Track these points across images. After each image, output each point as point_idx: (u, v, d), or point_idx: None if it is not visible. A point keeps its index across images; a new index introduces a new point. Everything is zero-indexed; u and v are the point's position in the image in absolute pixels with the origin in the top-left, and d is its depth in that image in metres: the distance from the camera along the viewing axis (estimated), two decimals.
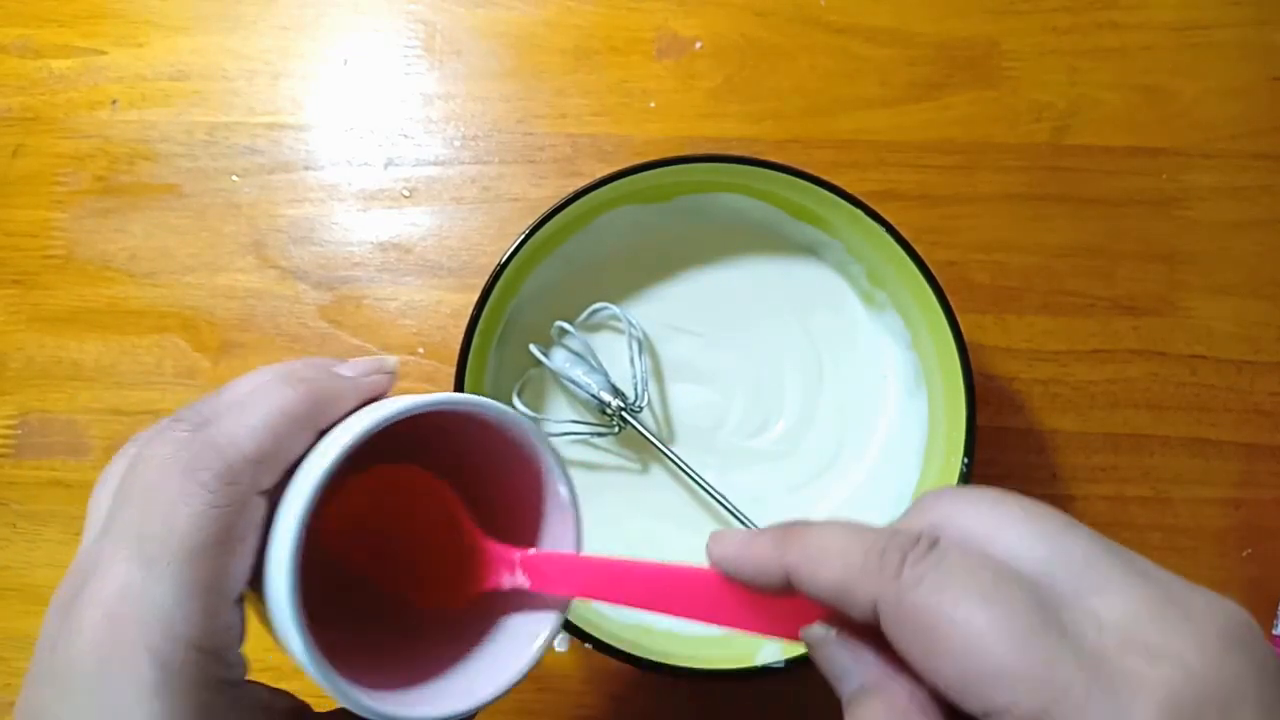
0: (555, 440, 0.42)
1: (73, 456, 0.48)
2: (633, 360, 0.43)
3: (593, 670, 0.46)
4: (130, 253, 0.49)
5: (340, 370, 0.28)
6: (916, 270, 0.40)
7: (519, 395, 0.43)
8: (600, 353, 0.44)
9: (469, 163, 0.50)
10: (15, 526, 0.47)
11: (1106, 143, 0.50)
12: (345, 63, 0.51)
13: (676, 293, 0.45)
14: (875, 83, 0.50)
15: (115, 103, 0.51)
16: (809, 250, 0.46)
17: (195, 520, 0.23)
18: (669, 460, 0.42)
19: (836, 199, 0.40)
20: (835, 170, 0.44)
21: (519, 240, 0.40)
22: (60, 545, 0.47)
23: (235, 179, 0.50)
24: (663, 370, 0.45)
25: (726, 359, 0.45)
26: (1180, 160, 0.50)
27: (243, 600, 0.25)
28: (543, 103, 0.50)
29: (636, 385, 0.43)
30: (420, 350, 0.48)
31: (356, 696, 0.24)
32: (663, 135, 0.50)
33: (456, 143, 0.50)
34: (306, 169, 0.50)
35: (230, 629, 0.24)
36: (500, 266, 0.40)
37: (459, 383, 0.39)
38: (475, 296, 0.40)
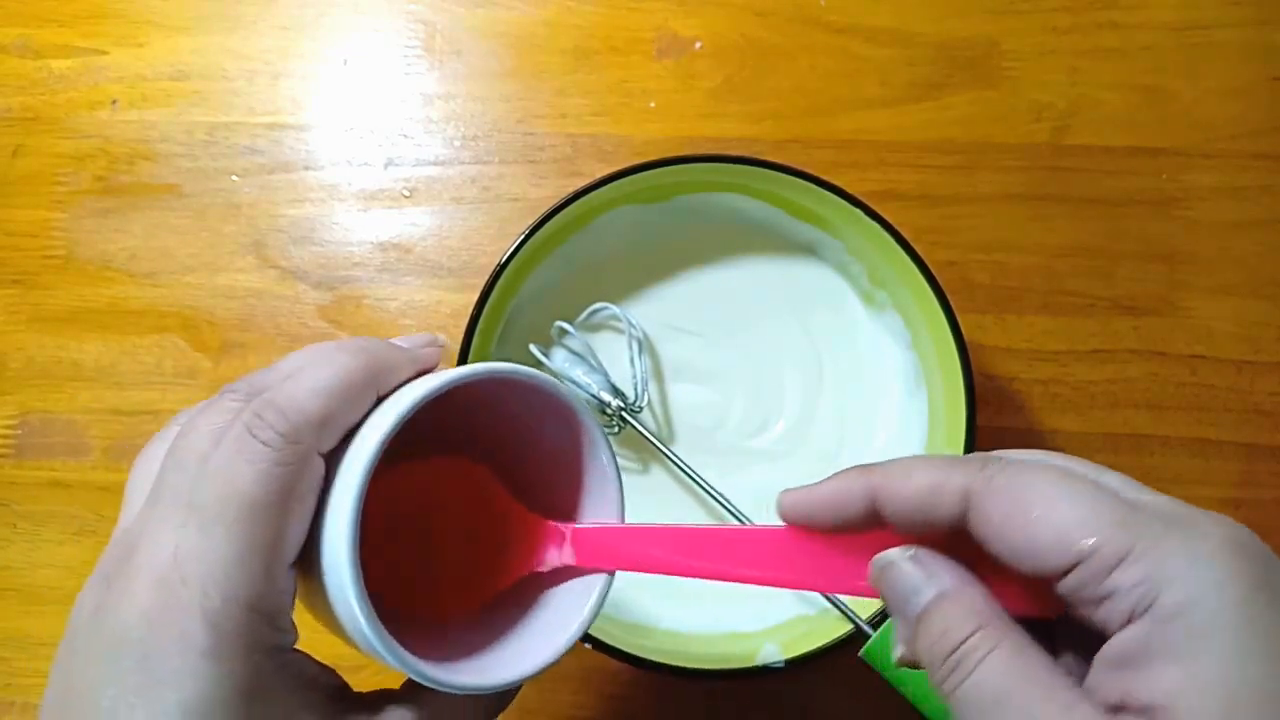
0: None
1: (73, 457, 0.48)
2: (633, 360, 0.43)
3: (592, 670, 0.46)
4: (130, 253, 0.49)
5: (398, 343, 0.28)
6: (916, 270, 0.40)
7: None
8: (600, 353, 0.44)
9: (469, 163, 0.50)
10: (15, 526, 0.47)
11: (1106, 143, 0.50)
12: (345, 63, 0.51)
13: (676, 293, 0.45)
14: (875, 83, 0.50)
15: (115, 103, 0.51)
16: (809, 250, 0.46)
17: (259, 478, 0.23)
18: (669, 460, 0.42)
19: (836, 199, 0.40)
20: (835, 170, 0.44)
21: (519, 240, 0.40)
22: (60, 545, 0.47)
23: (235, 179, 0.50)
24: (663, 370, 0.45)
25: (726, 359, 0.45)
26: (1180, 160, 0.50)
27: (294, 567, 0.25)
28: (543, 103, 0.50)
29: (636, 385, 0.43)
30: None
31: (417, 665, 0.24)
32: (663, 135, 0.50)
33: (456, 143, 0.50)
34: (307, 169, 0.50)
35: (285, 592, 0.24)
36: (500, 266, 0.40)
37: None
38: (475, 296, 0.40)
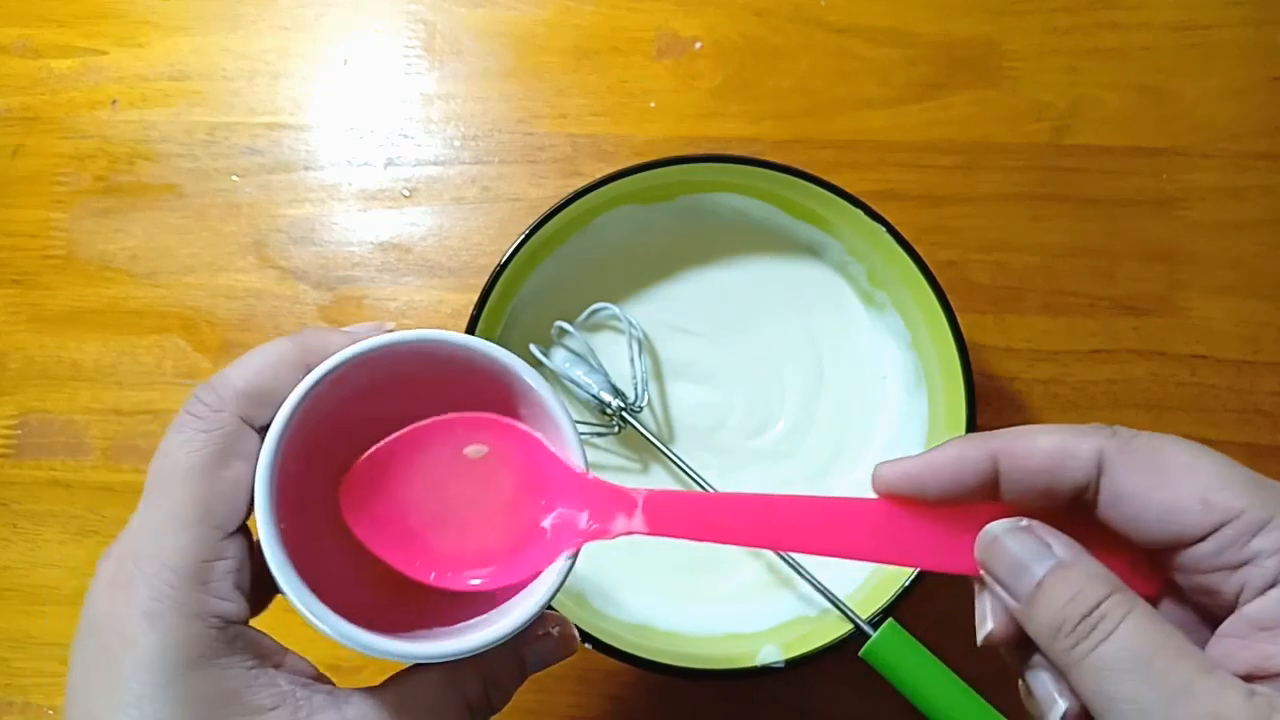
0: None
1: (73, 457, 0.48)
2: (633, 360, 0.43)
3: (592, 670, 0.46)
4: (130, 253, 0.49)
5: (342, 329, 0.30)
6: (916, 270, 0.40)
7: None
8: (600, 353, 0.44)
9: (469, 163, 0.50)
10: (15, 526, 0.47)
11: (1106, 143, 0.50)
12: (345, 63, 0.51)
13: (676, 293, 0.45)
14: (875, 83, 0.50)
15: (115, 103, 0.51)
16: (809, 250, 0.46)
17: (184, 446, 0.25)
18: (669, 460, 0.42)
19: (837, 199, 0.40)
20: (835, 170, 0.44)
21: (519, 240, 0.40)
22: (60, 545, 0.47)
23: (235, 179, 0.50)
24: (663, 370, 0.45)
25: (727, 359, 0.45)
26: (1180, 160, 0.50)
27: (245, 538, 0.26)
28: (543, 103, 0.50)
29: (636, 385, 0.43)
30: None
31: (333, 620, 0.24)
32: (663, 135, 0.50)
33: (456, 143, 0.50)
34: (306, 169, 0.50)
35: (219, 559, 0.25)
36: (500, 266, 0.40)
37: None
38: (475, 296, 0.40)
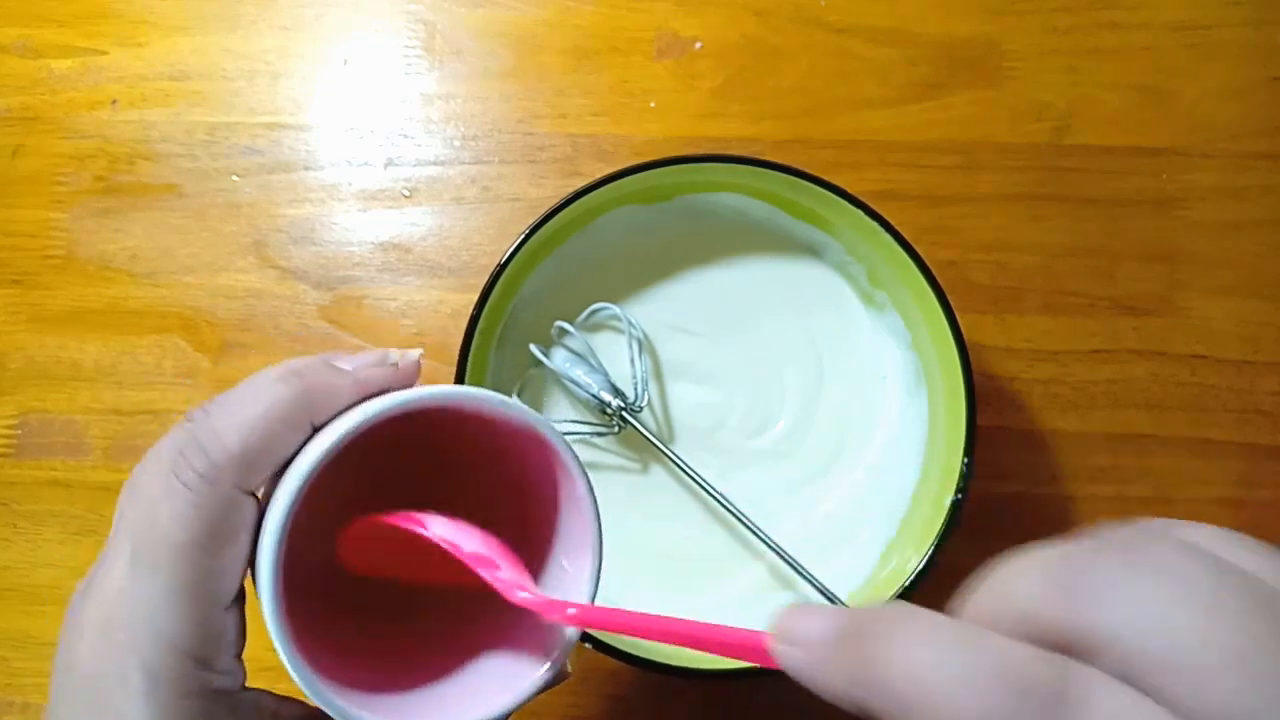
0: None
1: (73, 457, 0.48)
2: (633, 360, 0.43)
3: (591, 670, 0.46)
4: (130, 253, 0.49)
5: (338, 364, 0.26)
6: (916, 270, 0.40)
7: (519, 395, 0.43)
8: (600, 353, 0.44)
9: (469, 163, 0.50)
10: (15, 526, 0.47)
11: (1106, 143, 0.50)
12: (345, 63, 0.51)
13: (676, 293, 0.45)
14: (875, 83, 0.50)
15: (115, 103, 0.51)
16: (809, 250, 0.46)
17: (177, 520, 0.22)
18: (669, 460, 0.42)
19: (837, 199, 0.40)
20: (835, 170, 0.44)
21: (519, 240, 0.40)
22: (60, 545, 0.47)
23: (235, 179, 0.50)
24: (663, 370, 0.45)
25: (726, 359, 0.45)
26: (1180, 160, 0.50)
27: (241, 605, 0.25)
28: (543, 103, 0.50)
29: (636, 385, 0.43)
30: (420, 350, 0.48)
31: (332, 699, 0.23)
32: (663, 135, 0.50)
33: (456, 143, 0.50)
34: (306, 169, 0.50)
35: (221, 635, 0.24)
36: (500, 266, 0.40)
37: (459, 383, 0.39)
38: (475, 296, 0.40)
